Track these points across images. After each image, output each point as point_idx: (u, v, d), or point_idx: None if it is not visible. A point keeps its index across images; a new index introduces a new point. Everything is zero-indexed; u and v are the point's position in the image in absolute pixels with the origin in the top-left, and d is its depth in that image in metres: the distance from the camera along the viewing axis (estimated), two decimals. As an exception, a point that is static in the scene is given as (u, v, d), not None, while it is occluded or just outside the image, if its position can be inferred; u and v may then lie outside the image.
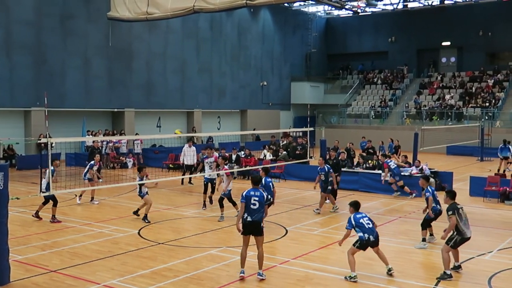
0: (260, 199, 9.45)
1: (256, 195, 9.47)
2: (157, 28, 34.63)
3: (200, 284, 9.29)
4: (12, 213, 10.77)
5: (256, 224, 9.39)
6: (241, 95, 42.47)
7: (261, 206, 9.46)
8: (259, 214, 9.42)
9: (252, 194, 9.46)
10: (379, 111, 43.38)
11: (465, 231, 9.69)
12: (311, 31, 48.81)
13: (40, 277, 9.59)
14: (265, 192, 9.80)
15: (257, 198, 9.43)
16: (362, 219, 9.67)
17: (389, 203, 17.64)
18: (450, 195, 10.16)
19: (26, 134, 28.48)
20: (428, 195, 11.93)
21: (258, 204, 9.41)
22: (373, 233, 9.59)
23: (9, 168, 9.56)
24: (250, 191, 9.55)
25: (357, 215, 9.74)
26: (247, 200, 9.39)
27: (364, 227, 9.57)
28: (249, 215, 9.37)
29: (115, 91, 32.56)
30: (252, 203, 9.39)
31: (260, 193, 9.57)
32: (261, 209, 9.47)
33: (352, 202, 10.00)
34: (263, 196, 9.54)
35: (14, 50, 27.63)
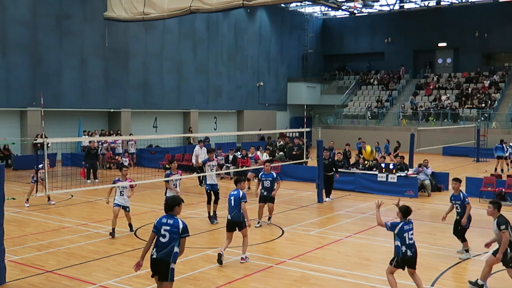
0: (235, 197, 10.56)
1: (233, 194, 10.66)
2: (154, 29, 34.60)
3: (197, 284, 9.28)
4: (8, 214, 10.75)
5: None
6: (237, 96, 42.46)
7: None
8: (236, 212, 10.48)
9: (231, 194, 10.69)
10: (375, 112, 43.43)
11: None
12: (308, 31, 48.90)
13: (36, 278, 9.56)
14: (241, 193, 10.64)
15: (232, 197, 10.60)
16: (407, 233, 8.34)
17: (385, 204, 17.58)
18: (497, 206, 9.01)
19: (22, 134, 28.40)
20: (468, 202, 11.11)
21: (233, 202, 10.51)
22: (411, 248, 8.39)
23: (5, 168, 9.53)
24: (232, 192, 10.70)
25: (404, 226, 8.36)
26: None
27: (405, 240, 8.33)
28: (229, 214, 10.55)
29: (112, 91, 32.51)
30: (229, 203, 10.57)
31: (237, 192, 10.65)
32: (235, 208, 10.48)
33: (403, 208, 8.55)
34: (238, 196, 10.56)
35: (10, 50, 27.56)
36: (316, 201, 17.72)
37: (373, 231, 13.53)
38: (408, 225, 8.42)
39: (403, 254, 8.33)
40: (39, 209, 16.07)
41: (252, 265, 10.39)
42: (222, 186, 21.14)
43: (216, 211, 14.33)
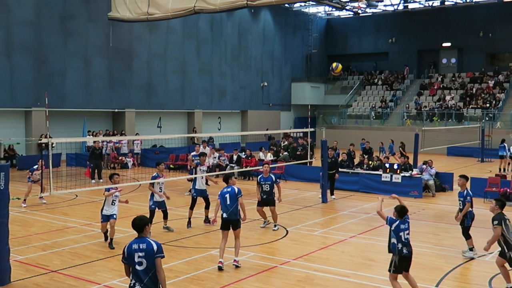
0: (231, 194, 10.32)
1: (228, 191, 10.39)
2: (158, 29, 34.64)
3: (201, 284, 9.29)
4: (12, 213, 10.78)
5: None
6: (241, 96, 42.48)
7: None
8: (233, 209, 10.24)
9: (224, 191, 10.42)
10: (379, 112, 43.37)
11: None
12: (312, 31, 48.87)
13: (41, 277, 9.60)
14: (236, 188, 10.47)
15: (227, 195, 10.32)
16: (403, 232, 8.35)
17: (390, 204, 17.57)
18: (500, 204, 9.27)
19: (27, 134, 28.47)
20: (469, 200, 11.15)
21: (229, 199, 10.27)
22: (407, 246, 8.36)
23: (9, 168, 9.56)
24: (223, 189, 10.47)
25: (400, 225, 8.39)
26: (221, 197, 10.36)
27: (401, 238, 8.33)
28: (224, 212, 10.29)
29: (116, 91, 32.57)
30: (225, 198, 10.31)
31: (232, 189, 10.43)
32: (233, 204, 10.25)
33: (398, 208, 8.63)
34: (234, 192, 10.36)
35: (14, 51, 27.64)
36: (320, 201, 17.72)
37: (377, 232, 13.51)
38: (404, 224, 8.45)
39: (399, 251, 8.30)
40: (44, 209, 16.12)
41: (256, 265, 10.39)
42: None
43: (208, 216, 13.83)
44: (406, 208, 8.69)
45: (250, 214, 13.28)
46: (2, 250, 9.04)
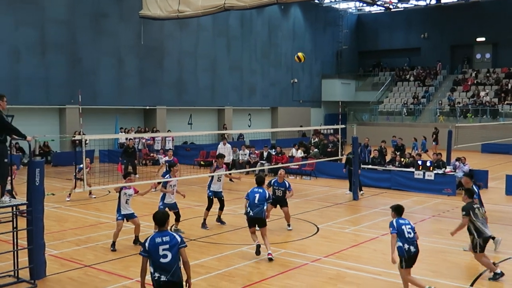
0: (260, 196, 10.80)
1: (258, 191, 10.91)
2: (188, 26, 34.85)
3: (232, 281, 9.31)
4: (47, 209, 10.99)
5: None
6: (271, 93, 42.44)
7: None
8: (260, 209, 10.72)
9: (255, 191, 10.94)
10: (411, 109, 42.78)
11: (485, 231, 9.46)
12: (342, 27, 48.48)
13: (75, 272, 9.76)
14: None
15: (257, 194, 10.83)
16: (404, 226, 8.41)
17: (422, 201, 17.38)
18: (468, 193, 9.88)
19: (61, 131, 29.06)
20: (475, 197, 10.77)
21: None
22: (413, 243, 8.37)
23: (44, 164, 9.74)
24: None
25: (399, 220, 8.51)
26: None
27: (405, 235, 8.33)
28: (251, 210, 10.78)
29: (147, 89, 32.92)
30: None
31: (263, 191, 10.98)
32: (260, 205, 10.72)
33: (394, 207, 8.74)
34: (264, 195, 10.87)
35: (49, 49, 28.18)
36: (351, 198, 17.58)
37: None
38: (404, 220, 8.54)
39: (407, 252, 8.30)
40: (78, 205, 16.40)
41: (287, 262, 10.37)
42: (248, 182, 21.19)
43: (221, 216, 13.69)
44: (403, 207, 8.83)
45: (277, 211, 13.26)
46: (38, 245, 9.23)
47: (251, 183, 19.23)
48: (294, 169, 23.12)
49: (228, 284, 9.11)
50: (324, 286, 9.08)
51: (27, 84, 27.19)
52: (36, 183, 9.18)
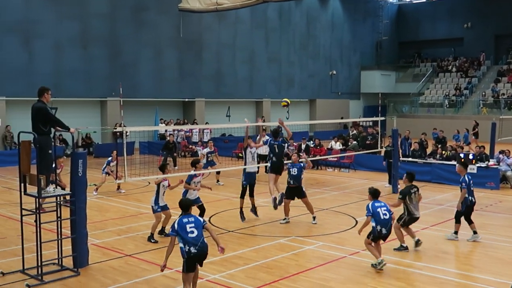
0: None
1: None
2: (227, 19, 34.95)
3: (270, 272, 9.34)
4: (89, 199, 11.24)
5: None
6: (309, 85, 42.21)
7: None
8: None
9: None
10: (453, 100, 41.84)
11: (415, 213, 10.57)
12: (382, 18, 47.76)
13: (116, 261, 9.97)
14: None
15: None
16: (380, 208, 9.47)
17: (464, 195, 16.98)
18: (409, 177, 10.77)
19: (102, 123, 29.67)
20: (464, 186, 11.37)
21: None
22: (386, 225, 9.41)
23: (87, 155, 9.96)
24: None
25: (375, 203, 9.57)
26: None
27: (379, 217, 9.38)
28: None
29: (186, 81, 33.22)
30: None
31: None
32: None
33: (371, 190, 9.81)
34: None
35: (90, 43, 28.73)
36: (390, 191, 17.36)
37: (450, 224, 13.06)
38: (379, 202, 9.57)
39: (379, 232, 9.39)
40: (119, 195, 16.72)
41: (325, 255, 10.33)
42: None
43: (254, 204, 13.40)
44: (379, 190, 9.88)
45: (316, 204, 13.20)
46: (81, 234, 9.46)
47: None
48: (333, 161, 22.97)
49: (266, 276, 9.14)
50: (363, 279, 9.01)
51: (69, 77, 27.82)
52: (79, 174, 9.39)
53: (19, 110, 25.00)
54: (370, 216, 9.42)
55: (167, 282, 8.83)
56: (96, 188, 16.91)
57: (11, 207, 14.73)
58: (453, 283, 8.89)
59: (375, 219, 9.38)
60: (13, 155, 21.46)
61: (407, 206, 10.53)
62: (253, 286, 8.63)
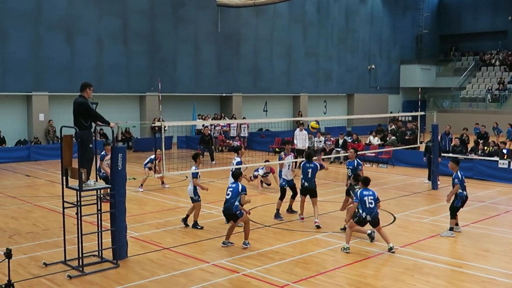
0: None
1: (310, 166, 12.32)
2: (264, 13, 34.90)
3: (306, 268, 9.31)
4: (129, 193, 11.42)
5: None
6: (348, 79, 41.81)
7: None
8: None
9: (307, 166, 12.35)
10: (496, 95, 40.73)
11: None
12: (423, 11, 46.86)
13: (154, 254, 10.11)
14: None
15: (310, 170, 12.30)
16: (366, 197, 10.04)
17: (507, 192, 16.58)
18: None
19: (141, 118, 30.10)
20: (457, 182, 11.21)
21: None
22: (371, 213, 10.01)
23: (126, 150, 10.12)
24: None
25: (363, 191, 10.14)
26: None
27: (365, 205, 9.99)
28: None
29: (224, 76, 33.36)
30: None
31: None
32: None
33: (362, 178, 10.57)
34: (316, 168, 12.37)
35: (130, 39, 29.15)
36: (430, 187, 17.06)
37: (492, 221, 12.79)
38: (368, 191, 10.15)
39: (363, 218, 10.05)
40: (157, 189, 16.95)
41: (363, 251, 10.23)
42: (332, 170, 21.04)
43: (292, 206, 13.45)
44: (369, 178, 10.57)
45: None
46: (120, 227, 9.63)
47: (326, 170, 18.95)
48: (371, 156, 22.71)
49: (303, 271, 9.12)
50: (401, 276, 8.89)
51: (110, 72, 28.31)
52: (118, 167, 9.56)
53: (62, 105, 25.59)
54: (357, 202, 10.10)
55: (204, 275, 8.91)
56: (141, 184, 17.04)
57: (53, 199, 15.12)
58: (496, 282, 8.68)
59: (361, 206, 10.02)
60: (55, 149, 22.10)
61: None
62: (289, 281, 8.62)
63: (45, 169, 21.50)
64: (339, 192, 16.20)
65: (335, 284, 8.56)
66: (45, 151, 24.76)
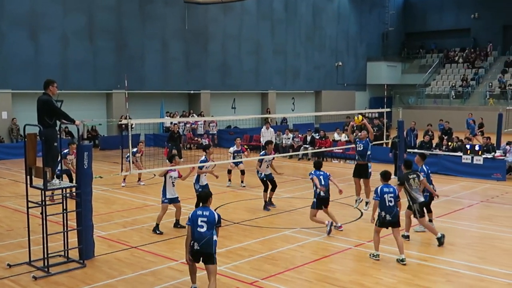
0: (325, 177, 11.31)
1: (321, 174, 11.34)
2: (232, 10, 34.84)
3: (275, 264, 9.35)
4: (95, 191, 11.27)
5: None
6: (315, 76, 42.09)
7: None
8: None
9: (317, 174, 11.28)
10: (460, 91, 41.63)
11: (418, 197, 10.36)
12: (389, 9, 47.50)
13: (122, 253, 10.01)
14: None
15: (322, 176, 11.30)
16: (387, 195, 9.39)
17: (471, 187, 16.97)
18: (406, 164, 10.80)
19: (108, 115, 29.71)
20: (424, 175, 11.23)
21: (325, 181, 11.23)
22: (390, 213, 9.36)
23: (92, 148, 9.98)
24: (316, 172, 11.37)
25: (384, 188, 9.52)
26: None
27: (385, 203, 9.35)
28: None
29: (192, 73, 33.19)
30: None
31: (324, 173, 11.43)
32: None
33: (382, 172, 9.82)
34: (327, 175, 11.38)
35: (96, 35, 28.72)
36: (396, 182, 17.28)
37: (456, 215, 13.07)
38: (388, 188, 9.48)
39: (383, 218, 9.39)
40: (125, 188, 16.76)
41: (330, 247, 10.33)
42: (300, 167, 21.17)
43: (272, 198, 13.81)
44: (390, 172, 9.94)
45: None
46: (86, 226, 9.50)
47: (295, 167, 19.17)
48: (338, 153, 22.93)
49: (271, 267, 9.15)
50: (368, 270, 9.02)
51: (75, 69, 27.84)
52: (84, 166, 9.42)
53: (25, 103, 25.07)
54: (378, 200, 9.42)
55: (173, 273, 8.87)
56: (124, 178, 16.87)
57: (17, 199, 14.82)
58: (459, 274, 8.88)
59: (380, 205, 9.39)
60: (19, 148, 21.61)
61: (409, 192, 10.41)
62: (259, 277, 8.65)
63: (9, 168, 21.04)
64: (307, 188, 16.23)
65: (304, 279, 8.62)
66: (8, 150, 24.23)
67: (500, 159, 18.30)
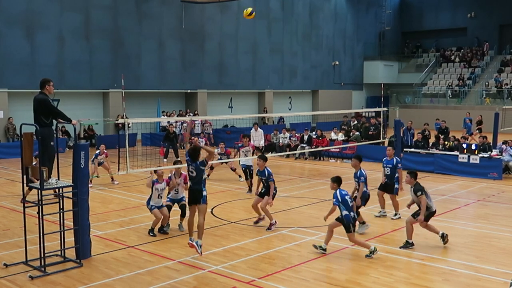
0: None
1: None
2: (229, 9, 34.83)
3: (272, 263, 9.35)
4: (92, 191, 11.25)
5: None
6: (312, 75, 42.11)
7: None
8: None
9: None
10: (456, 91, 41.71)
11: (432, 206, 10.17)
12: (385, 8, 47.61)
13: (119, 252, 9.99)
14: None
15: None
16: (346, 196, 9.67)
17: (467, 186, 17.00)
18: (413, 175, 10.39)
19: (105, 115, 29.68)
20: (363, 180, 11.46)
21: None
22: (353, 210, 9.75)
23: (89, 147, 9.95)
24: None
25: (342, 191, 9.73)
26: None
27: (348, 204, 9.59)
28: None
29: (188, 72, 33.17)
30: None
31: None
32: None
33: (335, 178, 9.93)
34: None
35: (93, 34, 28.67)
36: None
37: (453, 214, 13.09)
38: (344, 190, 9.75)
39: (353, 219, 9.57)
40: (122, 187, 16.75)
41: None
42: (297, 166, 21.18)
43: (250, 186, 15.36)
44: (340, 177, 10.03)
45: (319, 195, 13.10)
46: (83, 226, 9.47)
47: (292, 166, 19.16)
48: (335, 152, 22.95)
49: (268, 267, 9.15)
50: (365, 269, 9.02)
51: (72, 68, 27.79)
52: (81, 165, 9.39)
53: (22, 102, 25.02)
54: (336, 205, 9.65)
55: (170, 273, 8.85)
56: (90, 180, 16.76)
57: (14, 198, 14.78)
58: (456, 273, 8.89)
59: (345, 207, 9.55)
60: (15, 147, 21.57)
61: (426, 202, 10.12)
62: (255, 277, 8.64)
63: (5, 168, 20.99)
64: (304, 187, 16.37)
65: (301, 278, 8.62)
66: (4, 149, 24.16)
67: (496, 158, 18.33)
